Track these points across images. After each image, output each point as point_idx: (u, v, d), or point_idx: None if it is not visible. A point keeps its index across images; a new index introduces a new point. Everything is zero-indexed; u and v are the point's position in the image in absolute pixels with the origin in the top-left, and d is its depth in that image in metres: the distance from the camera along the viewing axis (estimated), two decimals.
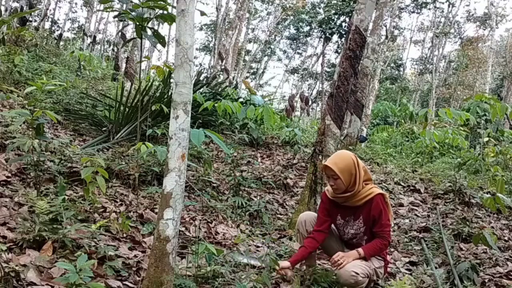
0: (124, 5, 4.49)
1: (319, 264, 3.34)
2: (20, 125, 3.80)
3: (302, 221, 3.14)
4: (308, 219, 3.12)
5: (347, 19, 18.05)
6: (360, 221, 2.95)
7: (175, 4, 2.80)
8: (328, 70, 26.84)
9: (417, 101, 27.14)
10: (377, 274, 2.93)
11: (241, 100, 8.44)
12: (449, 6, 25.27)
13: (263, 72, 34.72)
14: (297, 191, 5.45)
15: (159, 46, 4.58)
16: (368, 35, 7.16)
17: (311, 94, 29.43)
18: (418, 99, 27.83)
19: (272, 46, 32.40)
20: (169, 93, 6.03)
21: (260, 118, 7.34)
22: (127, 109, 5.62)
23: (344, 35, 18.08)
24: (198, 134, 3.55)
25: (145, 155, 4.05)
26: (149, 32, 4.34)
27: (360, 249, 2.87)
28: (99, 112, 6.24)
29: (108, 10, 4.67)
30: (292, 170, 6.29)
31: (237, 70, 21.98)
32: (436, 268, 3.47)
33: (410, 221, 4.84)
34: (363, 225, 2.95)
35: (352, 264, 2.79)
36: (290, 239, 3.84)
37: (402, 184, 6.21)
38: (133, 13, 4.21)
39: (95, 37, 22.18)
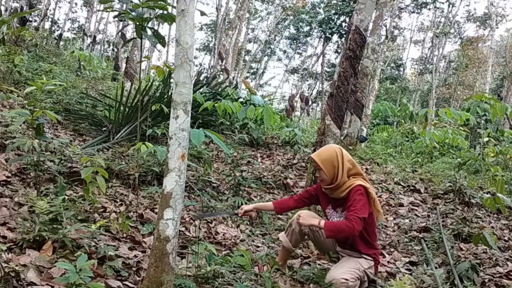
0: (124, 5, 4.49)
1: (319, 264, 3.34)
2: (20, 125, 3.80)
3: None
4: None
5: (347, 19, 18.04)
6: (345, 212, 2.96)
7: (175, 4, 2.80)
8: (328, 70, 26.84)
9: (417, 101, 27.14)
10: (367, 274, 2.94)
11: (241, 100, 8.44)
12: (449, 6, 25.29)
13: (263, 72, 34.72)
14: (297, 191, 5.45)
15: (159, 46, 4.58)
16: (368, 35, 7.16)
17: (311, 94, 29.43)
18: (418, 99, 27.83)
19: (272, 46, 32.40)
20: (169, 93, 6.03)
21: (260, 118, 7.34)
22: (127, 109, 5.62)
23: (344, 35, 18.09)
24: (198, 134, 3.56)
25: (145, 155, 4.05)
26: (149, 32, 4.35)
27: (322, 221, 2.85)
28: (99, 112, 6.24)
29: (108, 10, 4.67)
30: (292, 170, 6.29)
31: (237, 70, 21.98)
32: (436, 268, 3.47)
33: (410, 221, 4.84)
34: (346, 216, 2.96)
35: (341, 271, 2.79)
36: None
37: (402, 184, 6.20)
38: (133, 13, 4.21)
39: (95, 37, 22.19)
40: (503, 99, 23.13)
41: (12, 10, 13.22)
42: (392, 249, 4.08)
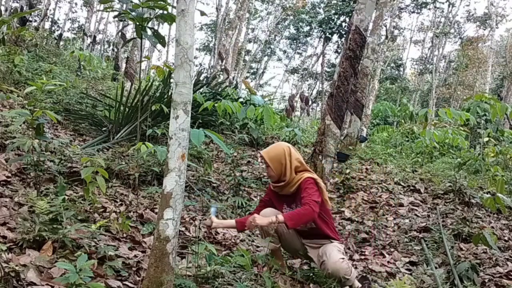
0: (124, 5, 4.49)
1: None
2: (20, 125, 3.80)
3: None
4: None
5: (347, 19, 18.04)
6: (299, 206, 3.00)
7: (175, 4, 2.80)
8: (328, 70, 26.83)
9: (417, 101, 27.14)
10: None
11: (241, 100, 8.43)
12: (449, 6, 25.29)
13: (263, 72, 34.72)
14: None
15: (159, 46, 4.58)
16: (368, 35, 7.16)
17: (311, 94, 29.42)
18: (418, 99, 27.83)
19: (272, 46, 32.40)
20: (169, 93, 6.03)
21: (260, 118, 7.34)
22: (127, 109, 5.62)
23: (344, 35, 18.09)
24: (198, 134, 3.56)
25: (145, 155, 4.05)
26: (149, 32, 4.35)
27: (279, 215, 2.85)
28: (99, 112, 6.24)
29: (108, 10, 4.67)
30: None
31: (237, 70, 21.98)
32: (436, 268, 3.47)
33: (410, 221, 4.84)
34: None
35: (333, 255, 2.89)
36: None
37: (402, 184, 6.20)
38: (133, 13, 4.21)
39: (95, 37, 22.19)
40: (503, 99, 23.12)
41: (12, 10, 13.23)
42: (392, 249, 4.08)
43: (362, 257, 3.89)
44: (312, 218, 2.87)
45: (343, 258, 2.89)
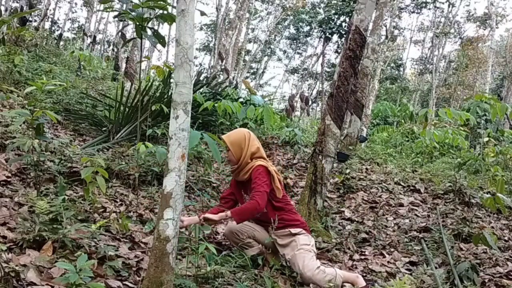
0: (124, 5, 4.49)
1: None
2: (20, 125, 3.79)
3: (234, 233, 3.19)
4: (239, 230, 3.18)
5: (347, 19, 18.05)
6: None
7: (175, 4, 2.80)
8: (328, 70, 26.83)
9: (417, 101, 27.14)
10: (312, 245, 3.08)
11: (241, 100, 8.42)
12: (449, 6, 25.28)
13: (263, 72, 34.74)
14: (297, 191, 5.45)
15: (159, 46, 4.58)
16: (368, 35, 7.16)
17: (311, 94, 29.41)
18: (418, 99, 27.83)
19: (272, 46, 32.41)
20: (169, 93, 6.03)
21: (260, 118, 7.33)
22: (127, 109, 5.62)
23: (344, 35, 18.08)
24: (193, 137, 3.55)
25: (144, 155, 4.05)
26: (149, 32, 4.34)
27: (227, 211, 2.93)
28: (99, 112, 6.24)
29: (108, 10, 4.67)
30: (292, 170, 6.29)
31: (237, 70, 21.99)
32: (436, 268, 3.47)
33: (410, 221, 4.84)
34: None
35: (300, 266, 2.91)
36: None
37: (402, 184, 6.20)
38: (133, 13, 4.21)
39: (95, 37, 22.18)
40: (503, 99, 23.12)
41: (12, 10, 13.23)
42: (392, 249, 4.08)
43: (362, 257, 3.89)
44: (258, 211, 2.92)
45: (317, 267, 2.90)
